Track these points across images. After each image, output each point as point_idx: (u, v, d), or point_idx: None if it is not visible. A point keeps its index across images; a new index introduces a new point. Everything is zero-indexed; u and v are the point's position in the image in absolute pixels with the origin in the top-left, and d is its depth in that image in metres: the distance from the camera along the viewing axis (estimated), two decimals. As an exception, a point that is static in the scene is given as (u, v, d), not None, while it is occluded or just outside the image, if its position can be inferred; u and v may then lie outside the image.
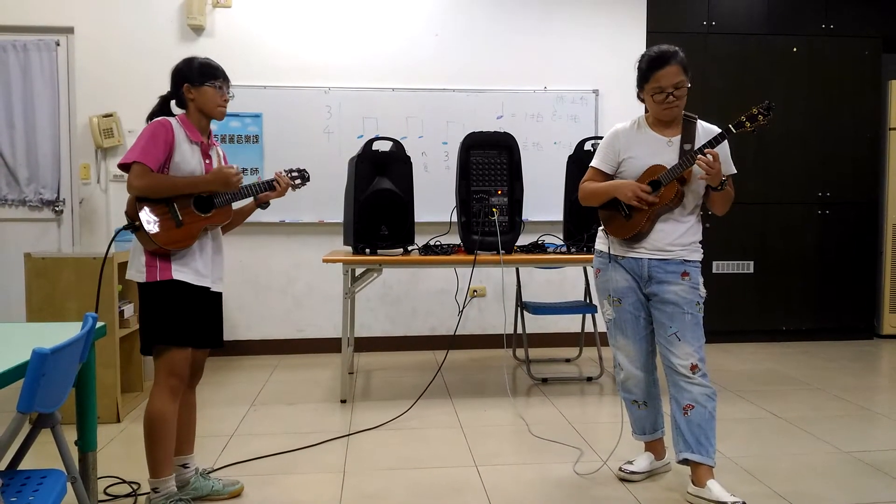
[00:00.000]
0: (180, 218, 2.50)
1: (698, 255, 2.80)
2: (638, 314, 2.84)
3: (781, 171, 5.75)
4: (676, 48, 2.71)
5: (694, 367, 2.70)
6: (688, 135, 2.75)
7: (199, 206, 2.56)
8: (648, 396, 2.92)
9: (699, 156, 2.62)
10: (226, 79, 2.65)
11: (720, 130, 2.74)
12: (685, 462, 2.74)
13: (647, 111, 2.83)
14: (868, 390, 4.36)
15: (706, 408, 2.69)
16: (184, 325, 2.52)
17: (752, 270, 5.76)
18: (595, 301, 4.91)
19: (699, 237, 2.82)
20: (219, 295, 2.68)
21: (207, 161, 2.62)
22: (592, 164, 2.94)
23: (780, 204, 5.77)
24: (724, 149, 2.73)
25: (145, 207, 2.45)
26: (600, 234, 2.96)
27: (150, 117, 2.59)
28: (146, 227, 2.43)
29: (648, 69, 2.70)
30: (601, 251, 2.92)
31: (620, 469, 2.95)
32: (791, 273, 5.84)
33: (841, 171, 5.84)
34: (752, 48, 5.67)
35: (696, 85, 2.87)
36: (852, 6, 5.77)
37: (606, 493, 2.81)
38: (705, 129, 2.79)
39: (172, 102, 2.64)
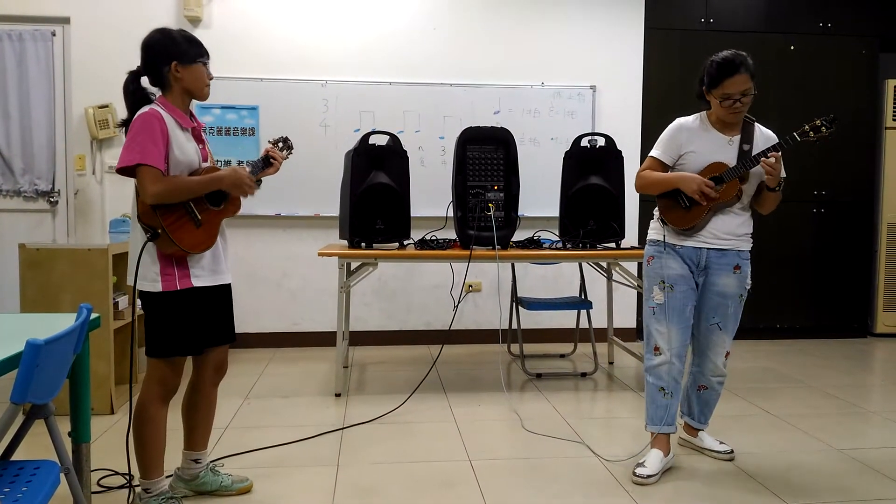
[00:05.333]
0: (199, 217, 2.39)
1: (749, 245, 2.99)
2: (686, 303, 2.93)
3: (777, 169, 5.74)
4: (745, 55, 2.80)
5: (727, 354, 3.04)
6: (747, 136, 2.90)
7: (211, 199, 2.45)
8: (675, 388, 2.96)
9: (764, 158, 2.75)
10: (209, 54, 2.47)
11: (773, 134, 2.94)
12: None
13: (709, 109, 2.94)
14: (861, 388, 4.38)
15: (718, 391, 3.10)
16: (196, 335, 2.46)
17: (746, 268, 5.77)
18: (590, 297, 4.92)
19: (751, 230, 2.99)
20: (229, 286, 2.63)
21: (201, 146, 2.50)
22: (652, 153, 3.00)
23: (775, 202, 5.77)
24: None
25: (162, 211, 2.31)
26: (654, 224, 3.05)
27: (128, 97, 2.39)
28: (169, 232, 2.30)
29: (719, 76, 2.79)
30: (657, 240, 3.01)
31: (634, 474, 2.85)
32: (786, 271, 5.85)
33: (836, 169, 5.85)
34: (750, 46, 5.56)
35: (695, 82, 2.92)
36: (850, 5, 5.77)
37: (599, 486, 2.81)
38: (762, 132, 2.95)
39: (143, 79, 2.42)
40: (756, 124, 2.95)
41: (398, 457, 3.13)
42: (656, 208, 3.04)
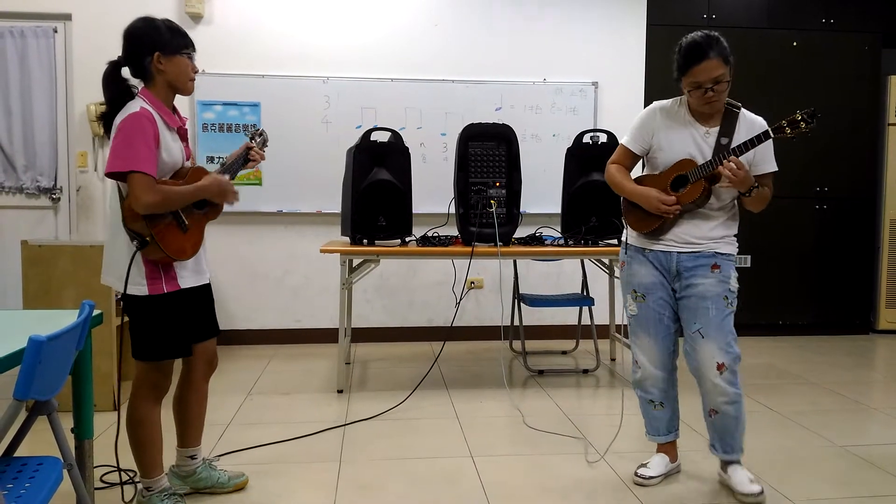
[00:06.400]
0: (186, 222, 2.34)
1: (732, 249, 2.68)
2: (662, 312, 2.72)
3: (779, 165, 5.71)
4: (716, 36, 2.51)
5: (720, 367, 2.59)
6: (727, 127, 2.60)
7: (195, 202, 2.40)
8: (666, 397, 2.80)
9: (723, 162, 2.47)
10: (194, 46, 2.39)
11: (763, 122, 2.61)
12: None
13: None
14: (863, 385, 4.38)
15: (729, 414, 2.65)
16: (184, 336, 2.44)
17: (749, 265, 5.77)
18: (592, 293, 4.92)
19: (733, 231, 2.71)
20: (209, 283, 2.60)
21: (185, 144, 2.44)
22: (622, 140, 2.80)
23: (777, 198, 5.64)
24: (767, 143, 2.59)
25: (151, 218, 2.24)
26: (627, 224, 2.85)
27: (108, 88, 2.32)
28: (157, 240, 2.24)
29: (685, 63, 2.52)
30: (625, 243, 2.82)
31: (636, 474, 2.81)
32: (788, 268, 5.84)
33: (839, 166, 5.84)
34: (752, 42, 5.66)
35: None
36: (852, 1, 5.75)
37: (600, 484, 2.81)
38: (748, 121, 2.64)
39: (124, 70, 2.33)
40: (742, 112, 2.64)
41: (400, 453, 3.14)
42: None
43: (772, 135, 2.49)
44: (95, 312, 2.11)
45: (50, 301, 3.56)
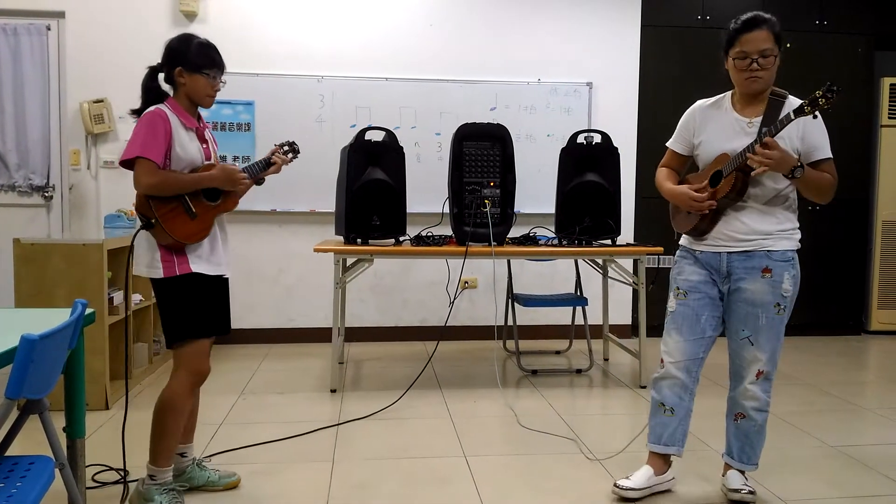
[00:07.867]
0: (193, 210, 2.47)
1: (788, 244, 2.53)
2: (700, 314, 2.61)
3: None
4: (770, 16, 2.50)
5: (760, 374, 2.58)
6: (770, 117, 2.48)
7: (208, 194, 2.53)
8: (678, 405, 2.66)
9: (750, 152, 2.36)
10: (221, 67, 2.60)
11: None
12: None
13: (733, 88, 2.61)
14: (856, 385, 4.39)
15: (756, 421, 2.62)
16: (204, 317, 2.51)
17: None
18: (585, 293, 4.93)
19: (789, 225, 2.55)
20: (227, 280, 2.68)
21: (205, 145, 2.58)
22: (668, 143, 2.77)
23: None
24: (815, 130, 2.48)
25: (157, 202, 2.40)
26: None
27: (144, 91, 2.53)
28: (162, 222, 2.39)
29: (736, 32, 2.51)
30: (680, 244, 2.74)
31: (615, 485, 2.68)
32: (781, 268, 5.85)
33: (832, 167, 5.84)
34: (746, 43, 5.67)
35: (691, 79, 2.78)
36: (846, 3, 5.77)
37: (594, 485, 2.82)
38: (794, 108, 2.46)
39: (161, 75, 2.57)
40: (788, 100, 2.52)
41: (393, 453, 3.13)
42: None
43: (793, 117, 2.35)
44: (88, 311, 2.10)
45: (42, 299, 3.55)
